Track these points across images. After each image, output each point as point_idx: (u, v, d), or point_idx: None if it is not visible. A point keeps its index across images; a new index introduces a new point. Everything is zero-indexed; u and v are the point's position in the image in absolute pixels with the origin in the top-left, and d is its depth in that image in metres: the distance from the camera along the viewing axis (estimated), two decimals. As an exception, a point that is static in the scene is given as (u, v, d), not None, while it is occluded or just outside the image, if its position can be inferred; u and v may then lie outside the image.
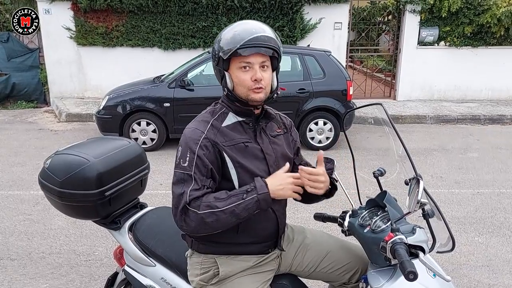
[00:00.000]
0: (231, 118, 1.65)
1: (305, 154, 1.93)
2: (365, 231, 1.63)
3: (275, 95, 1.67)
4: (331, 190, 1.74)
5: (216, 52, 1.59)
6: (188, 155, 1.54)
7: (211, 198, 1.51)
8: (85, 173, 1.87)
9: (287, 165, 1.59)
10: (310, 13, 9.49)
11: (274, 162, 1.67)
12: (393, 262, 1.52)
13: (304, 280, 1.89)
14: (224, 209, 1.49)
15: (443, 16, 9.50)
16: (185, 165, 1.54)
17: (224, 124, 1.63)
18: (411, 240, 1.50)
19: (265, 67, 1.58)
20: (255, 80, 1.56)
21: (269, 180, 1.54)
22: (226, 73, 1.60)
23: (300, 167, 1.58)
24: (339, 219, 1.81)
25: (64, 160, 1.94)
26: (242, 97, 1.60)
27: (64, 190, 1.88)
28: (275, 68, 1.64)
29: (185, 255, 1.81)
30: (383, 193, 1.71)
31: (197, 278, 1.71)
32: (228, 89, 1.61)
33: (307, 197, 1.68)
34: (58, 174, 1.89)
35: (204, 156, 1.54)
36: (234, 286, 1.66)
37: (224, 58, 1.56)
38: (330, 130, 6.66)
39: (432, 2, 9.42)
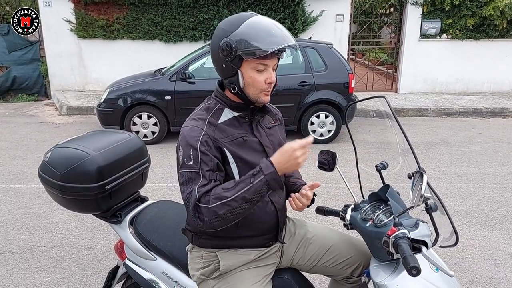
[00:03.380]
0: (227, 114, 1.62)
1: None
2: (367, 225, 1.62)
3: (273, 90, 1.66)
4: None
5: (233, 49, 1.48)
6: (191, 153, 1.51)
7: (219, 190, 1.49)
8: (85, 167, 1.86)
9: (310, 138, 1.49)
10: (312, 6, 9.44)
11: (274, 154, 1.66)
12: (396, 256, 1.51)
13: (306, 274, 1.88)
14: (234, 197, 1.45)
15: (446, 8, 9.43)
16: (191, 163, 1.51)
17: (220, 121, 1.60)
18: (414, 234, 1.49)
19: (275, 67, 1.58)
20: (269, 83, 1.55)
21: (275, 158, 1.48)
22: (238, 71, 1.54)
23: (292, 196, 1.64)
24: (341, 213, 1.81)
25: (64, 153, 1.93)
26: (251, 97, 1.58)
27: (64, 183, 1.87)
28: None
29: (186, 249, 1.80)
30: (386, 187, 1.69)
31: (198, 272, 1.71)
32: (239, 88, 1.57)
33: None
34: (58, 167, 1.88)
35: (207, 151, 1.52)
36: (235, 279, 1.65)
37: (245, 59, 1.50)
38: (332, 123, 6.65)
39: (434, -6, 9.36)
